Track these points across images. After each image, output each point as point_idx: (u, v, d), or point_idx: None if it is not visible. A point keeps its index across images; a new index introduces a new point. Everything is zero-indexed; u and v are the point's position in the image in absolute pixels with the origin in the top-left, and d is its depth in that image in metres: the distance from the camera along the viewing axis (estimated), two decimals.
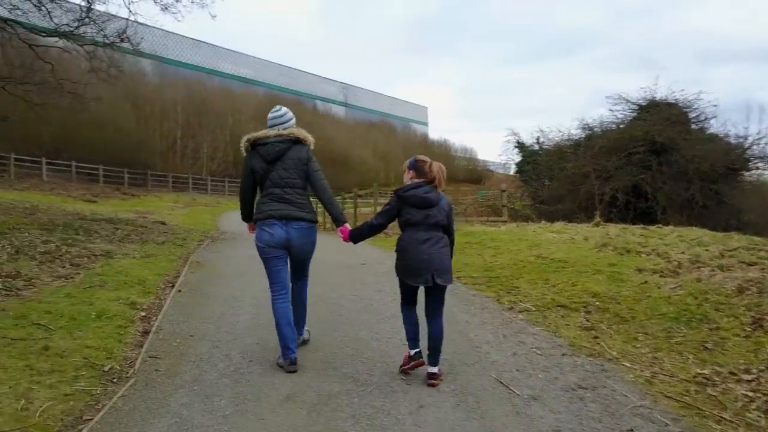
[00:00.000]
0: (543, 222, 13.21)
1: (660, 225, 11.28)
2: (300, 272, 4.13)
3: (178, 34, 57.22)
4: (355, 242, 3.88)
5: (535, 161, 25.51)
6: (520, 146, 27.60)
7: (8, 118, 13.12)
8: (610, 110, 20.74)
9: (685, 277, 5.62)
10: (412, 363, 3.63)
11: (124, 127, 32.98)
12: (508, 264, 7.48)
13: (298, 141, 3.93)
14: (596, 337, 4.52)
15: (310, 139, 3.99)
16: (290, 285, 4.03)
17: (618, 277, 6.03)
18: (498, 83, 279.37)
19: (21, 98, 11.41)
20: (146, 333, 4.39)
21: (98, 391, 3.25)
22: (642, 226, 10.68)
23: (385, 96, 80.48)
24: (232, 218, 21.24)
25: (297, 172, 3.88)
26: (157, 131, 36.69)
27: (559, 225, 11.54)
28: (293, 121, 4.04)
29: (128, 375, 3.53)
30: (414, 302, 3.72)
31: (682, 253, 6.80)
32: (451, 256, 3.73)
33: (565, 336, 4.59)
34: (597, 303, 5.34)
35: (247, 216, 4.12)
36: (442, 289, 3.63)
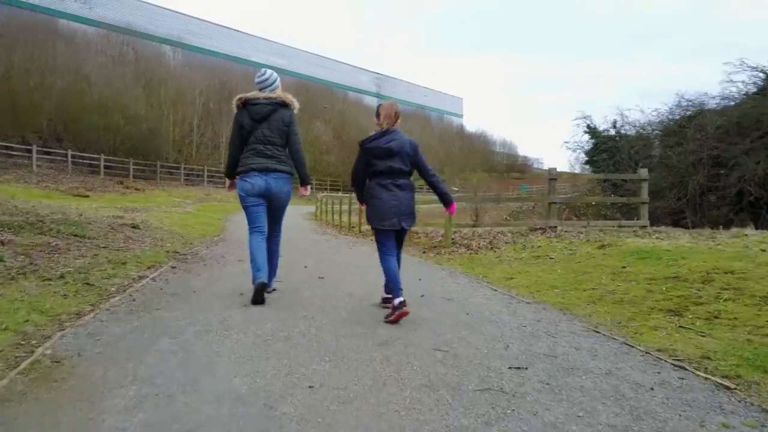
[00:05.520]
0: (737, 228, 8.24)
1: None
2: (275, 223, 4.69)
3: (207, 21, 54.04)
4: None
5: (615, 148, 20.94)
6: (592, 131, 22.98)
7: None
8: (729, 81, 16.03)
9: None
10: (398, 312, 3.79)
11: (133, 113, 29.38)
12: None
13: (284, 104, 4.48)
14: None
15: (295, 103, 4.56)
16: (267, 229, 4.54)
17: None
18: (541, 78, 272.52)
19: None
20: None
21: None
22: None
23: (420, 87, 76.63)
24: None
25: (279, 132, 4.44)
26: (170, 118, 33.01)
27: None
28: (278, 82, 4.58)
29: None
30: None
31: None
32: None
33: None
34: None
35: (231, 172, 4.58)
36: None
